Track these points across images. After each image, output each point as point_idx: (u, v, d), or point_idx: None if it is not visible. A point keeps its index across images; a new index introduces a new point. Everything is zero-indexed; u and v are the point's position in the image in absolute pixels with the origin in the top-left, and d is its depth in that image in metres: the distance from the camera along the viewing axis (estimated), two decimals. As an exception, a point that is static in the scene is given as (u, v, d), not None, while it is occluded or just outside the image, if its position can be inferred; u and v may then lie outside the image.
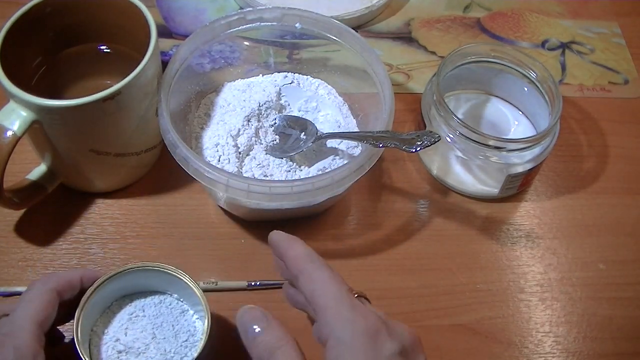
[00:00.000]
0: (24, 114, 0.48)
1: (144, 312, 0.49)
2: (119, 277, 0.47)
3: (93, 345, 0.47)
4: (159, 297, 0.50)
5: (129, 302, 0.49)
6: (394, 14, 0.74)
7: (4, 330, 0.41)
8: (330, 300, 0.39)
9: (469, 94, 0.65)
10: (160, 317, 0.49)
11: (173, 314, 0.49)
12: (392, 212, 0.59)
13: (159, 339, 0.47)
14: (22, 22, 0.52)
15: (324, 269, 0.41)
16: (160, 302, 0.49)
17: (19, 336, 0.40)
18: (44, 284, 0.43)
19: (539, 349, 0.53)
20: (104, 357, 0.46)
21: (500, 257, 0.58)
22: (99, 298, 0.47)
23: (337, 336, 0.38)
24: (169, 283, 0.49)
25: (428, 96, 0.59)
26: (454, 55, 0.59)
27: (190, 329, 0.48)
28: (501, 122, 0.63)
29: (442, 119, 0.57)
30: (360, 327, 0.38)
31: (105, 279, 0.46)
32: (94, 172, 0.56)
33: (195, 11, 0.73)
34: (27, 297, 0.43)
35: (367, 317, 0.38)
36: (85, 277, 0.46)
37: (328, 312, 0.39)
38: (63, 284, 0.44)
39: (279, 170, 0.56)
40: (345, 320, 0.38)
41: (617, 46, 0.73)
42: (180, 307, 0.49)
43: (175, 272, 0.47)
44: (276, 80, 0.62)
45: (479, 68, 0.62)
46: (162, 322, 0.48)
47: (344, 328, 0.38)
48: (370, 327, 0.38)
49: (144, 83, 0.51)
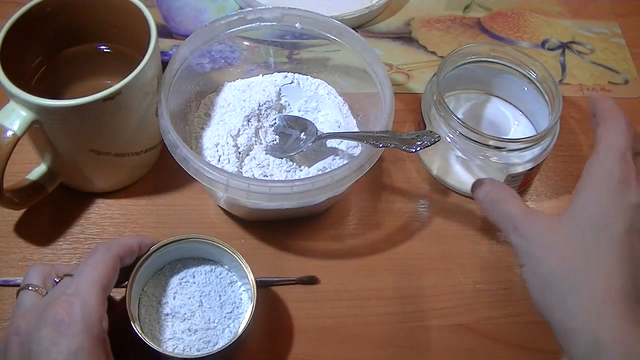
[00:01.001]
0: (24, 114, 0.48)
1: (194, 279, 0.50)
2: (172, 245, 0.49)
3: (142, 305, 0.49)
4: (210, 265, 0.51)
5: (181, 267, 0.51)
6: (394, 14, 0.74)
7: (70, 290, 0.42)
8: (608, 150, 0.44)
9: (469, 94, 0.65)
10: (209, 286, 0.50)
11: (222, 283, 0.50)
12: (392, 212, 0.59)
13: (205, 307, 0.49)
14: (22, 22, 0.52)
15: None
16: (211, 271, 0.51)
17: (86, 299, 0.41)
18: (108, 249, 0.45)
19: (539, 349, 0.53)
20: (151, 319, 0.48)
21: (500, 257, 0.58)
22: (151, 262, 0.49)
23: (589, 172, 0.43)
24: (221, 255, 0.50)
25: (428, 96, 0.59)
26: (454, 55, 0.59)
27: (236, 300, 0.50)
28: (501, 122, 0.63)
29: (442, 119, 0.57)
30: (613, 173, 0.42)
31: (158, 248, 0.48)
32: (94, 172, 0.56)
33: (195, 11, 0.73)
34: (91, 262, 0.44)
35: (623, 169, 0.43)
36: (143, 244, 0.48)
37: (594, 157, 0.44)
38: (125, 251, 0.46)
39: (279, 170, 0.56)
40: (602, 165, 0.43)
41: (617, 46, 0.73)
42: (229, 277, 0.51)
43: (224, 245, 0.49)
44: (276, 80, 0.62)
45: (479, 68, 0.62)
46: (210, 291, 0.50)
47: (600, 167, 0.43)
48: (623, 174, 0.42)
49: (144, 83, 0.51)
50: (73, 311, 0.40)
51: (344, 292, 0.55)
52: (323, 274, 0.55)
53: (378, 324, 0.54)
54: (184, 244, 0.50)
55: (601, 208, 0.42)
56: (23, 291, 0.45)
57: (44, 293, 0.44)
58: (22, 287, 0.45)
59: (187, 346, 0.48)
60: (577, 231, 0.42)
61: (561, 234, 0.42)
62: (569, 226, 0.42)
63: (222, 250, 0.49)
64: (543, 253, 0.42)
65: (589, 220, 0.42)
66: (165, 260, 0.51)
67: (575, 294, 0.40)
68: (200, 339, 0.48)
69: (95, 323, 0.41)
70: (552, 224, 0.43)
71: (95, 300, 0.42)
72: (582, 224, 0.42)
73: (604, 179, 0.43)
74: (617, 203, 0.42)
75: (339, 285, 0.55)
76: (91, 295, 0.42)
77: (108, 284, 0.43)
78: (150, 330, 0.48)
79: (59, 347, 0.39)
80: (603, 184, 0.43)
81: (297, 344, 0.52)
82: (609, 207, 0.42)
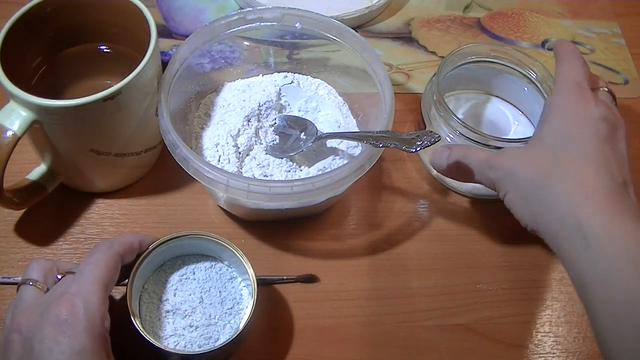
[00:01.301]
0: (24, 114, 0.48)
1: (194, 275, 0.51)
2: (172, 242, 0.49)
3: (142, 302, 0.49)
4: (210, 261, 0.51)
5: (181, 263, 0.51)
6: (394, 14, 0.74)
7: (72, 289, 0.42)
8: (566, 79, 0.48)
9: (469, 94, 0.65)
10: (209, 282, 0.50)
11: (222, 279, 0.51)
12: (392, 212, 0.59)
13: (206, 303, 0.49)
14: (22, 22, 0.52)
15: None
16: (210, 267, 0.51)
17: (88, 298, 0.41)
18: (109, 247, 0.45)
19: (539, 349, 0.53)
20: (152, 316, 0.48)
21: (500, 257, 0.58)
22: (151, 260, 0.49)
23: (549, 103, 0.48)
24: (221, 251, 0.50)
25: (428, 96, 0.59)
26: (454, 55, 0.59)
27: (237, 296, 0.50)
28: (501, 122, 0.63)
29: (442, 119, 0.57)
30: (571, 97, 0.47)
31: (158, 245, 0.48)
32: (94, 172, 0.56)
33: (195, 11, 0.73)
34: (93, 260, 0.44)
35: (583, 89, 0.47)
36: (143, 242, 0.48)
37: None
38: (126, 248, 0.46)
39: (279, 170, 0.56)
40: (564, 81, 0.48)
41: (617, 46, 0.73)
42: (229, 273, 0.51)
43: (224, 241, 0.49)
44: (276, 80, 0.62)
45: (479, 68, 0.62)
46: (210, 287, 0.50)
47: (560, 83, 0.48)
48: (581, 96, 0.47)
49: (144, 83, 0.51)
50: (76, 311, 0.40)
51: (344, 292, 0.55)
52: (323, 274, 0.55)
53: (378, 324, 0.54)
54: (184, 241, 0.50)
55: (564, 125, 0.46)
56: (24, 286, 0.45)
57: (45, 289, 0.44)
58: (22, 282, 0.45)
59: (189, 343, 0.48)
60: (545, 147, 0.46)
61: (531, 154, 0.46)
62: (537, 147, 0.47)
63: (221, 246, 0.50)
64: (519, 171, 0.46)
65: (553, 137, 0.46)
66: (165, 257, 0.51)
67: (553, 191, 0.43)
68: (202, 335, 0.48)
69: (98, 322, 0.41)
70: (521, 151, 0.48)
71: (98, 300, 0.42)
72: (548, 141, 0.46)
73: (563, 104, 0.47)
74: (579, 118, 0.46)
75: (339, 285, 0.55)
76: (93, 294, 0.42)
77: (109, 283, 0.44)
78: (151, 328, 0.48)
79: (62, 347, 0.39)
80: (563, 107, 0.47)
81: (297, 344, 0.52)
82: (572, 122, 0.46)
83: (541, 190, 0.44)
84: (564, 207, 0.43)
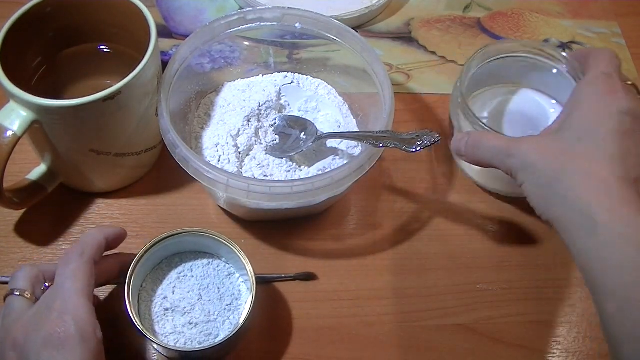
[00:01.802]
0: (24, 114, 0.48)
1: (192, 272, 0.51)
2: (169, 240, 0.49)
3: (141, 301, 0.49)
4: (207, 258, 0.52)
5: (179, 261, 0.51)
6: (394, 14, 0.74)
7: (57, 306, 0.42)
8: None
9: (498, 89, 0.63)
10: (208, 279, 0.50)
11: (220, 276, 0.51)
12: (392, 212, 0.59)
13: (205, 300, 0.49)
14: (22, 22, 0.52)
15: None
16: (208, 264, 0.51)
17: (76, 314, 0.42)
18: (81, 255, 0.45)
19: (539, 349, 0.53)
20: (151, 314, 0.49)
21: (500, 257, 0.58)
22: (149, 258, 0.49)
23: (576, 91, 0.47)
24: (219, 248, 0.50)
25: (455, 98, 0.58)
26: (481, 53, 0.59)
27: (235, 292, 0.50)
28: (535, 112, 0.62)
29: (467, 121, 0.56)
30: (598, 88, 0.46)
31: (155, 243, 0.49)
32: (94, 172, 0.56)
33: (195, 11, 0.73)
34: (69, 273, 0.44)
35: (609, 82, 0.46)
36: (109, 236, 0.48)
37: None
38: (95, 251, 0.46)
39: (279, 170, 0.56)
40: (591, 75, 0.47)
41: (617, 46, 0.73)
42: (227, 269, 0.51)
43: (221, 238, 0.49)
44: (276, 80, 0.62)
45: (507, 63, 0.61)
46: (209, 284, 0.50)
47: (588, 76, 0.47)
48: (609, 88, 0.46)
49: (144, 83, 0.51)
50: (67, 328, 0.41)
51: (344, 292, 0.55)
52: (323, 274, 0.55)
53: (378, 324, 0.54)
54: (181, 238, 0.50)
55: (586, 116, 0.45)
56: (12, 296, 0.44)
57: (33, 299, 0.44)
58: (10, 292, 0.45)
59: (189, 340, 0.48)
60: (564, 139, 0.45)
61: (548, 145, 0.45)
62: (556, 138, 0.45)
63: (219, 243, 0.50)
64: (535, 161, 0.45)
65: (573, 129, 0.45)
66: (163, 255, 0.51)
67: (567, 184, 0.43)
68: (201, 332, 0.48)
69: (91, 335, 0.41)
70: (540, 139, 0.47)
71: (86, 313, 0.42)
72: (566, 134, 0.45)
73: (589, 93, 0.46)
74: (603, 109, 0.44)
75: (339, 285, 0.55)
76: (80, 307, 0.42)
77: (91, 292, 0.44)
78: (151, 326, 0.48)
79: None
80: (588, 97, 0.46)
81: (297, 344, 0.52)
82: (594, 114, 0.45)
83: (555, 182, 0.44)
84: (574, 197, 0.43)
